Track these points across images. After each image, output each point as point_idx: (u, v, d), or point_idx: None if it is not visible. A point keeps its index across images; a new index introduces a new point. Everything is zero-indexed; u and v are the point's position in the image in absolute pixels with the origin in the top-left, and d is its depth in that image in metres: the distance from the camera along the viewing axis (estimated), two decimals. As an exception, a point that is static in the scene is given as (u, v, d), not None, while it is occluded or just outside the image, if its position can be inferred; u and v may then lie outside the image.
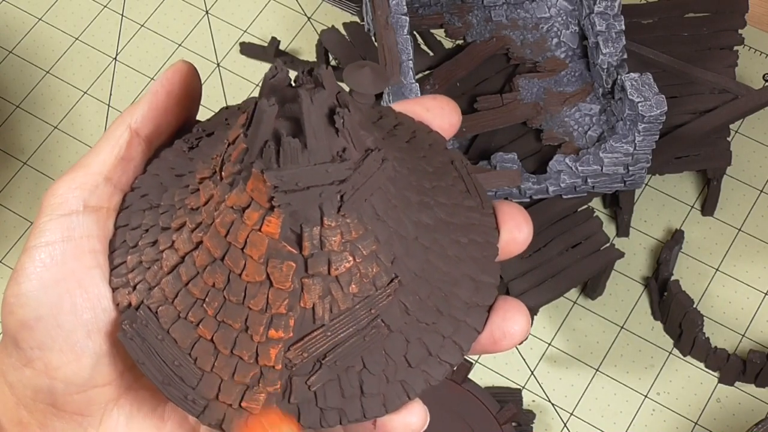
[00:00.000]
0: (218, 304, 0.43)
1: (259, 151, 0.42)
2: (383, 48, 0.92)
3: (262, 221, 0.42)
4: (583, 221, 0.98)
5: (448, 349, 0.44)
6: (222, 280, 0.43)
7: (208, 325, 0.44)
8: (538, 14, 1.03)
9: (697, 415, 0.98)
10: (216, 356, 0.44)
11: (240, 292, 0.43)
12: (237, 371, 0.43)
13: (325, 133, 0.42)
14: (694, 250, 1.04)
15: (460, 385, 0.96)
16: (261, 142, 0.42)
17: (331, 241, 0.42)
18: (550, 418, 0.98)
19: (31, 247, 0.44)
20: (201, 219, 0.44)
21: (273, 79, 0.43)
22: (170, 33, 1.16)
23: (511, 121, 0.99)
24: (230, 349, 0.43)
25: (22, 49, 1.15)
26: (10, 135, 1.11)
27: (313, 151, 0.41)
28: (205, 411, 0.44)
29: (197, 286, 0.44)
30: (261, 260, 0.43)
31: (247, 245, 0.43)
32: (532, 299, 0.95)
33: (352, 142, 0.42)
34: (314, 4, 1.17)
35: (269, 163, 0.42)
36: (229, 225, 0.43)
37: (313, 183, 0.42)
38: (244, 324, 0.43)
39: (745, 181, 1.07)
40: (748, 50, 1.12)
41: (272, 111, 0.41)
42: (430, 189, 0.46)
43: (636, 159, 0.95)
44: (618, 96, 0.95)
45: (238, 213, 0.42)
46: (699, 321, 0.98)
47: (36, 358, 0.43)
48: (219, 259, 0.43)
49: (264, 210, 0.42)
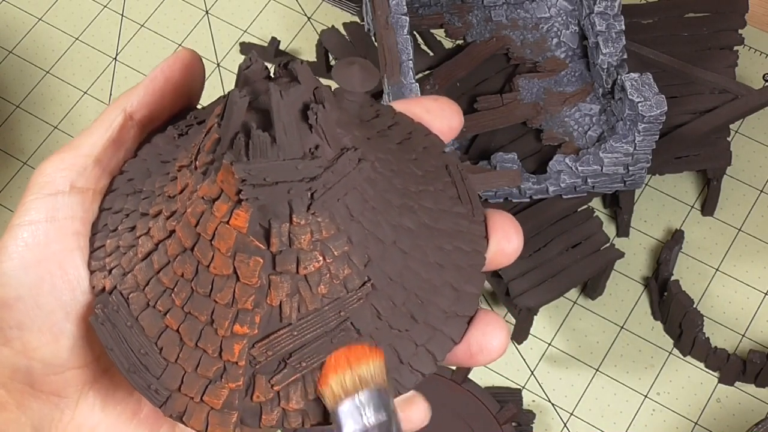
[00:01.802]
0: (186, 295, 0.43)
1: (230, 143, 0.41)
2: (383, 48, 0.92)
3: (231, 214, 0.42)
4: (583, 221, 0.98)
5: (420, 357, 0.44)
6: (191, 270, 0.43)
7: (175, 316, 0.43)
8: (538, 14, 1.03)
9: (697, 415, 0.98)
10: (181, 348, 0.43)
11: (207, 285, 0.42)
12: (201, 364, 0.43)
13: (296, 129, 0.41)
14: (694, 250, 1.04)
15: (460, 385, 0.96)
16: (232, 134, 0.41)
17: (300, 239, 0.42)
18: (550, 418, 0.98)
19: (15, 225, 0.44)
20: (176, 207, 0.43)
21: (247, 70, 0.42)
22: (170, 33, 1.16)
23: (511, 121, 0.99)
24: (195, 342, 0.43)
25: (22, 49, 1.15)
26: (10, 135, 1.11)
27: (282, 147, 0.41)
28: (168, 402, 0.43)
29: (167, 275, 0.43)
30: (228, 254, 0.42)
31: (216, 237, 0.42)
32: (532, 299, 0.95)
33: (326, 140, 0.41)
34: (314, 4, 1.17)
35: (239, 155, 0.41)
36: (200, 215, 0.42)
37: (282, 178, 0.41)
38: (210, 317, 0.43)
39: (745, 181, 1.07)
40: (748, 50, 1.12)
41: (243, 103, 0.41)
42: (416, 193, 0.45)
43: (636, 159, 0.95)
44: (618, 96, 0.95)
45: (208, 204, 0.42)
46: (699, 321, 0.98)
47: (14, 338, 0.43)
48: (189, 249, 0.43)
49: (233, 203, 0.41)
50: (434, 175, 0.46)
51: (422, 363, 0.44)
